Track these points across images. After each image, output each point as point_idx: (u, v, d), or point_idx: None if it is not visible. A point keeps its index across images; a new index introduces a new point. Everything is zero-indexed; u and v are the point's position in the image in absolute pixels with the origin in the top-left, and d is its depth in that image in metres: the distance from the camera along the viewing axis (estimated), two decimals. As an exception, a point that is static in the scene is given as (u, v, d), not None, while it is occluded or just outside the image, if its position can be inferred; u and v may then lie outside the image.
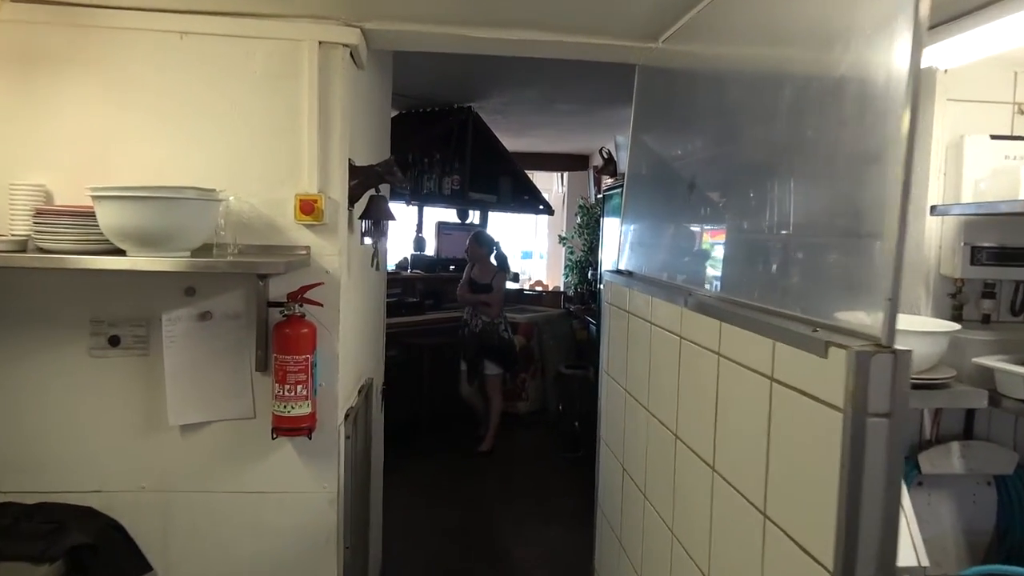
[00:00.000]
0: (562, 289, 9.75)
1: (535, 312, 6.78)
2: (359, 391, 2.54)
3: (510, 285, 7.80)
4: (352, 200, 2.24)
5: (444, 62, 5.27)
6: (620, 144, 4.88)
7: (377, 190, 2.24)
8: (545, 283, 11.15)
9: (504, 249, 5.89)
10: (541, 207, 7.07)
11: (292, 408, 1.99)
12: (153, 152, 2.04)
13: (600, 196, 6.47)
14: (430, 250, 6.85)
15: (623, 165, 4.86)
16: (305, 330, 2.00)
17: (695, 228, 1.89)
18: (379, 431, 3.24)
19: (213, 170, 2.05)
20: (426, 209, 6.92)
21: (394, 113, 6.88)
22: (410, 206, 5.98)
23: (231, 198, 2.00)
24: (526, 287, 10.12)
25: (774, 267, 1.40)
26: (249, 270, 1.83)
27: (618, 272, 2.41)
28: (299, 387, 1.98)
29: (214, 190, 1.85)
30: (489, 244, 5.50)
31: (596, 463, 2.76)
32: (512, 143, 6.95)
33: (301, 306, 2.03)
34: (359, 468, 2.52)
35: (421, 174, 5.90)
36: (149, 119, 2.04)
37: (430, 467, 5.07)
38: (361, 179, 2.22)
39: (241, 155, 2.06)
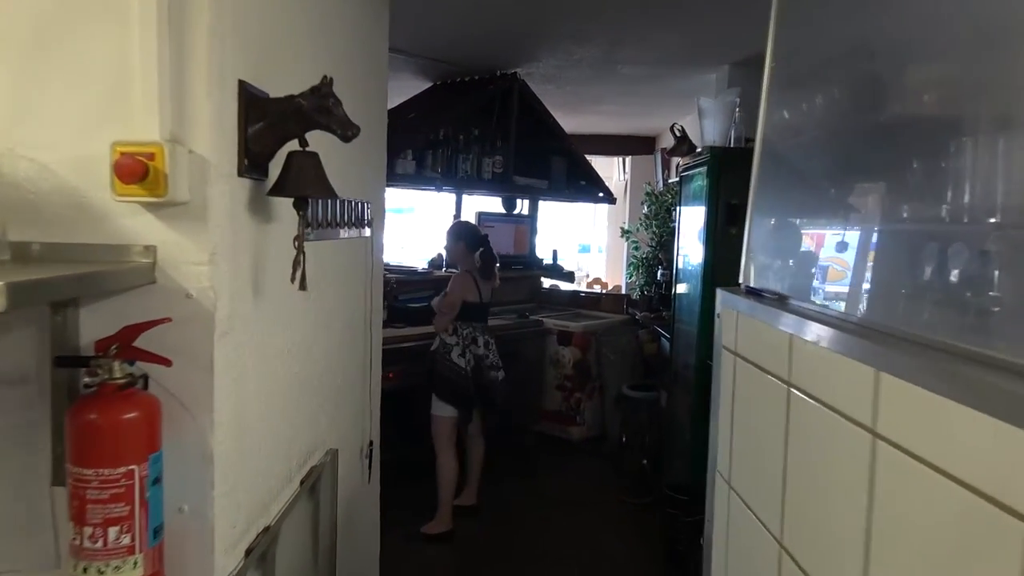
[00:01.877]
0: (624, 290, 8.63)
1: (593, 319, 5.70)
2: (302, 482, 1.54)
3: (565, 286, 6.74)
4: (256, 160, 1.23)
5: (483, 15, 4.26)
6: (705, 110, 3.77)
7: (303, 143, 1.21)
8: (604, 281, 10.03)
9: (494, 248, 4.29)
10: (601, 194, 5.98)
11: (102, 571, 0.99)
12: None
13: (674, 180, 5.35)
14: (469, 245, 5.85)
15: (708, 135, 3.75)
16: (131, 415, 1.00)
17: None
18: (371, 511, 2.25)
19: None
20: (466, 197, 5.93)
21: (425, 85, 5.92)
22: (442, 193, 4.97)
23: (-11, 151, 1.02)
24: (583, 287, 9.03)
25: None
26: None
27: (754, 293, 1.30)
28: (114, 531, 0.98)
29: None
30: (470, 238, 4.13)
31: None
32: (566, 123, 5.88)
33: (130, 364, 1.03)
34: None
35: (456, 154, 4.89)
36: None
37: (461, 524, 4.06)
38: (271, 121, 1.20)
39: (19, 71, 1.06)
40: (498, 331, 5.07)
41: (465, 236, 4.13)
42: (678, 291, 4.21)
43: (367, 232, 2.11)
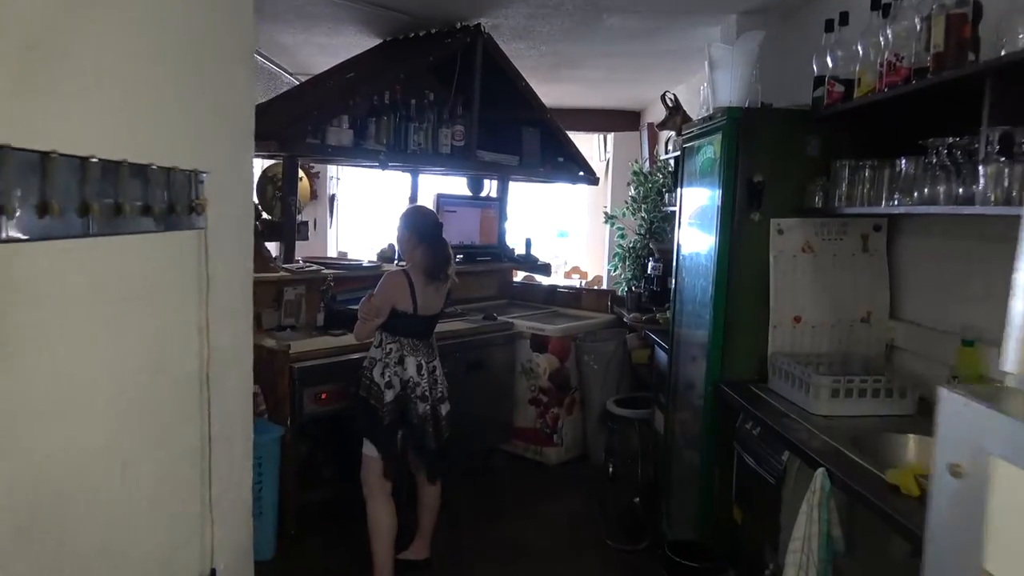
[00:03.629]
0: (605, 283, 7.82)
1: (572, 319, 4.87)
2: None
3: (541, 280, 5.92)
4: None
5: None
6: (717, 59, 2.92)
7: None
8: (584, 270, 9.21)
9: (455, 238, 3.42)
10: (582, 173, 5.13)
11: None
12: None
13: (667, 155, 4.51)
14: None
15: (723, 93, 2.91)
16: None
17: None
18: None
19: None
20: (423, 176, 5.05)
21: (375, 42, 5.02)
22: (387, 170, 4.08)
23: None
24: (560, 277, 8.22)
25: None
26: None
27: None
28: None
29: None
30: (420, 227, 3.17)
31: None
32: (539, 93, 4.99)
33: None
34: None
35: (406, 123, 4.00)
36: None
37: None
38: None
39: None
40: (462, 335, 4.24)
41: (414, 225, 3.22)
42: (679, 290, 3.39)
43: (200, 223, 1.24)
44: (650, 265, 4.67)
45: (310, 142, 3.53)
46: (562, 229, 12.08)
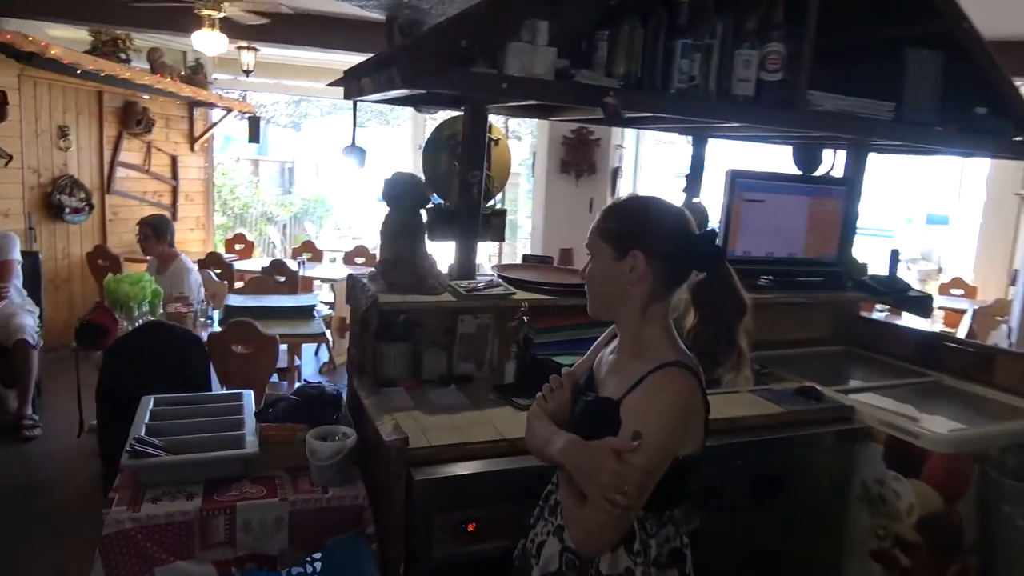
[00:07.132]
0: (1017, 317, 5.07)
1: (974, 411, 2.62)
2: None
3: (915, 322, 3.63)
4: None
5: None
6: None
7: None
8: (971, 284, 6.33)
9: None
10: (1020, 138, 2.74)
11: None
12: None
13: None
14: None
15: None
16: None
17: None
18: None
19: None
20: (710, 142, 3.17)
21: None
22: (620, 127, 2.23)
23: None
24: (934, 293, 5.58)
25: None
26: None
27: None
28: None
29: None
30: (667, 244, 1.40)
31: None
32: None
33: None
34: None
35: (664, 38, 2.15)
36: None
37: None
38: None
39: None
40: (755, 428, 2.33)
41: (660, 248, 1.42)
42: None
43: None
44: None
45: (477, 72, 1.90)
46: (937, 215, 9.13)
